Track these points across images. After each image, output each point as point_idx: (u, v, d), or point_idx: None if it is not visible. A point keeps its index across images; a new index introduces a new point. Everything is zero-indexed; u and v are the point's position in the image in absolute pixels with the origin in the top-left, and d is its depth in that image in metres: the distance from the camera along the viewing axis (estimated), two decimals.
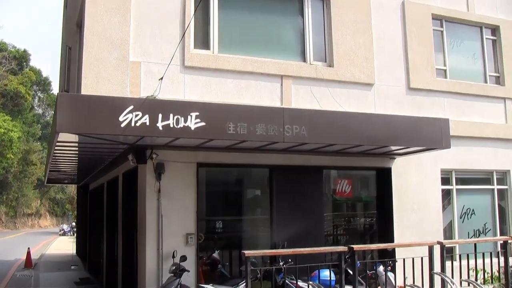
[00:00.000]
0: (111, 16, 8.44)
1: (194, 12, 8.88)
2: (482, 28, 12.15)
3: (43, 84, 58.96)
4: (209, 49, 9.16)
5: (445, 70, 11.43)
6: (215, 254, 8.78)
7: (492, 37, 12.25)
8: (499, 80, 12.12)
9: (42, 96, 59.81)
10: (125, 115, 6.94)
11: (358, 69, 10.13)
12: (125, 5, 8.59)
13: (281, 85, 9.49)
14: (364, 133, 8.46)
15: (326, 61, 10.07)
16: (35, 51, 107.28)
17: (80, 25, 9.90)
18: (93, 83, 8.13)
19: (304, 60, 9.89)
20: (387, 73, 10.53)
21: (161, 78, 8.44)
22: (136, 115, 6.99)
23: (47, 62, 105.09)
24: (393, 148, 9.45)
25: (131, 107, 6.98)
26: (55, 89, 59.67)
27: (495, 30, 12.26)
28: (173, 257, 7.93)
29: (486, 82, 11.97)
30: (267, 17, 9.87)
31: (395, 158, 10.39)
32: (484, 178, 11.80)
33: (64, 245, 27.83)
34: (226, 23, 9.42)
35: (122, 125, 6.89)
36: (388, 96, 10.48)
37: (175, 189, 8.49)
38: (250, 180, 9.99)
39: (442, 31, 11.57)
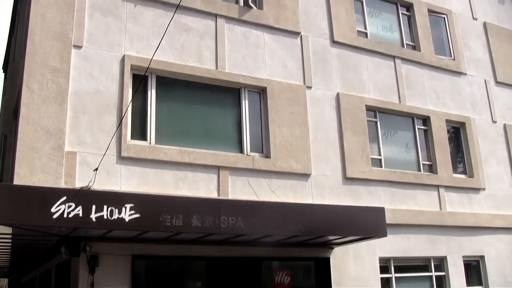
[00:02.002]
0: (47, 105, 8.70)
1: (131, 101, 9.28)
2: (414, 119, 13.11)
3: None
4: (146, 140, 9.53)
5: (380, 160, 12.17)
6: None
7: (423, 127, 13.19)
8: (432, 169, 12.95)
9: None
10: (57, 206, 7.11)
11: (295, 160, 10.69)
12: (62, 95, 8.89)
13: (218, 176, 9.87)
14: (302, 223, 8.85)
15: (263, 152, 10.61)
16: None
17: (16, 114, 10.09)
18: (26, 173, 8.25)
19: (241, 151, 10.40)
20: (323, 163, 11.13)
21: (96, 169, 8.67)
22: (69, 206, 7.16)
23: None
24: (330, 238, 9.85)
25: (64, 198, 7.17)
26: None
27: (426, 120, 13.24)
28: None
29: (420, 170, 12.76)
30: (204, 108, 10.41)
31: (333, 248, 10.78)
32: (422, 265, 12.30)
33: None
34: (163, 114, 9.88)
35: (54, 216, 7.05)
36: (325, 186, 11.02)
37: (109, 282, 8.49)
38: (189, 272, 10.07)
39: (376, 122, 12.41)
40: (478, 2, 15.86)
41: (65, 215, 7.10)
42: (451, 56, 14.42)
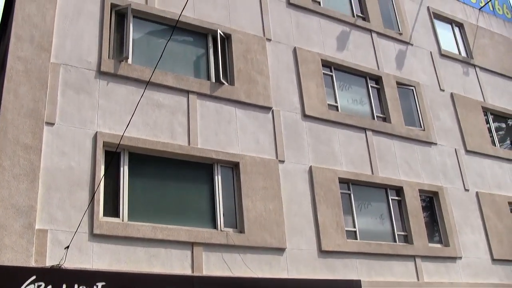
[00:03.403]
0: (18, 182, 8.87)
1: (102, 177, 9.51)
2: (387, 190, 13.53)
3: None
4: (119, 217, 9.70)
5: (355, 232, 12.45)
6: None
7: (397, 198, 13.60)
8: (407, 239, 13.26)
9: None
10: (26, 286, 7.16)
11: (269, 234, 10.92)
12: (34, 172, 9.08)
13: (192, 252, 10.02)
14: None
15: (237, 227, 10.84)
16: None
17: None
18: None
19: (215, 226, 10.61)
20: (298, 236, 11.37)
21: (67, 247, 8.77)
22: (38, 286, 7.23)
23: None
24: None
25: (33, 277, 7.27)
26: None
27: (399, 191, 13.67)
28: None
29: (395, 241, 13.05)
30: (177, 184, 10.68)
31: None
32: None
33: None
34: (136, 190, 10.11)
35: None
36: (300, 259, 11.21)
37: None
38: None
39: (349, 194, 12.79)
40: (444, 74, 16.77)
41: None
42: (421, 126, 15.08)
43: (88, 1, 11.14)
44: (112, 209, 9.75)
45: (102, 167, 9.80)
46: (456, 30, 18.86)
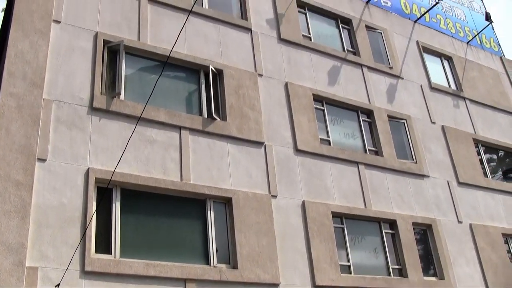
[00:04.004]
0: (9, 219, 8.82)
1: (94, 213, 9.50)
2: (381, 223, 13.53)
3: None
4: (111, 254, 9.64)
5: (349, 266, 12.41)
6: None
7: (390, 231, 13.60)
8: (401, 272, 13.21)
9: None
10: None
11: (262, 270, 10.87)
12: (25, 208, 9.04)
13: None
14: None
15: (230, 263, 10.78)
16: None
17: None
18: None
19: (208, 262, 10.56)
20: (292, 272, 11.32)
21: (58, 285, 8.70)
22: None
23: None
24: None
25: None
26: None
27: (392, 224, 13.67)
28: None
29: (390, 275, 13.00)
30: (170, 220, 10.65)
31: None
32: None
33: None
34: (128, 227, 10.08)
35: None
36: None
37: None
38: None
39: (343, 228, 12.79)
40: (435, 106, 16.98)
41: None
42: (413, 159, 15.19)
43: (81, 38, 11.28)
44: (104, 245, 9.70)
45: (94, 203, 9.79)
46: (446, 63, 19.18)
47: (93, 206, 9.71)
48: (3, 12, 12.23)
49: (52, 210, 9.34)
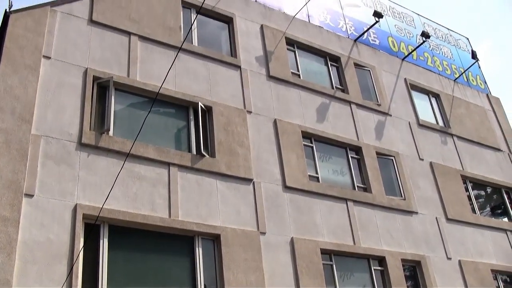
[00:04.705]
0: None
1: (81, 250, 9.45)
2: (370, 260, 13.53)
3: None
4: None
5: None
6: None
7: (379, 268, 13.60)
8: None
9: None
10: None
11: None
12: (11, 244, 8.99)
13: None
14: None
15: None
16: None
17: None
18: None
19: None
20: None
21: None
22: None
23: None
24: None
25: None
26: None
27: (381, 261, 13.68)
28: None
29: None
30: (158, 257, 10.61)
31: None
32: None
33: None
34: (116, 263, 10.02)
35: None
36: None
37: None
38: None
39: (332, 265, 12.77)
40: (423, 143, 17.18)
41: None
42: (401, 196, 15.29)
43: (71, 74, 11.40)
44: (91, 282, 9.62)
45: (82, 240, 9.75)
46: (433, 100, 19.48)
47: (80, 243, 9.67)
48: None
49: (38, 246, 9.29)
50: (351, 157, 15.11)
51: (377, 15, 17.66)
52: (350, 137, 15.35)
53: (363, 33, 18.57)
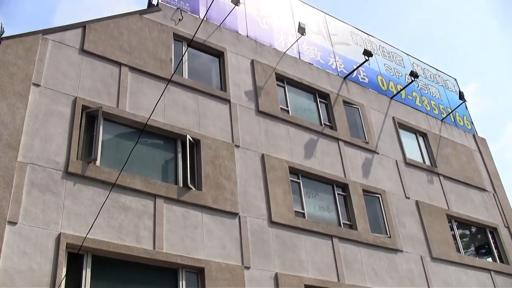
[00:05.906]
0: None
1: (62, 279, 9.41)
2: None
3: None
4: None
5: None
6: None
7: None
8: None
9: None
10: None
11: None
12: None
13: None
14: None
15: None
16: None
17: None
18: None
19: None
20: None
21: None
22: None
23: None
24: None
25: None
26: None
27: None
28: None
29: None
30: None
31: None
32: None
33: None
34: None
35: None
36: None
37: None
38: None
39: None
40: (409, 182, 17.35)
41: None
42: (387, 233, 15.37)
43: (60, 102, 11.49)
44: None
45: (64, 269, 9.71)
46: (421, 139, 19.74)
47: (63, 272, 9.63)
48: None
49: (20, 275, 9.24)
50: (338, 193, 15.21)
51: (367, 53, 18.00)
52: (337, 174, 15.49)
53: (353, 71, 18.88)
